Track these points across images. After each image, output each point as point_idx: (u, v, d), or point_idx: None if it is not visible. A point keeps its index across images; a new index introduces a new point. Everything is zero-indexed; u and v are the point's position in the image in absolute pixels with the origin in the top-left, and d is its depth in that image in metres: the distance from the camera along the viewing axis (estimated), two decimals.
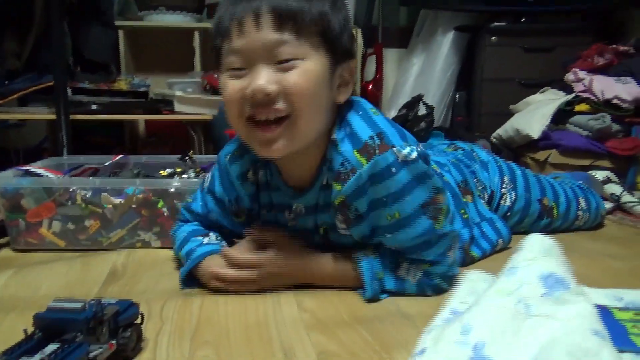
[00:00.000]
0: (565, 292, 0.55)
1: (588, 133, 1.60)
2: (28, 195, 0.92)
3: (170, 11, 2.13)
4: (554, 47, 2.11)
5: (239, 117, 0.64)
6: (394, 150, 0.64)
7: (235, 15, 0.61)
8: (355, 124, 0.67)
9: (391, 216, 0.66)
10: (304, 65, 0.62)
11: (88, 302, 0.51)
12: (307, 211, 0.74)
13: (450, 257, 0.71)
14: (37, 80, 1.60)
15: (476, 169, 0.98)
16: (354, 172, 0.65)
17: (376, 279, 0.69)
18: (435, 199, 0.68)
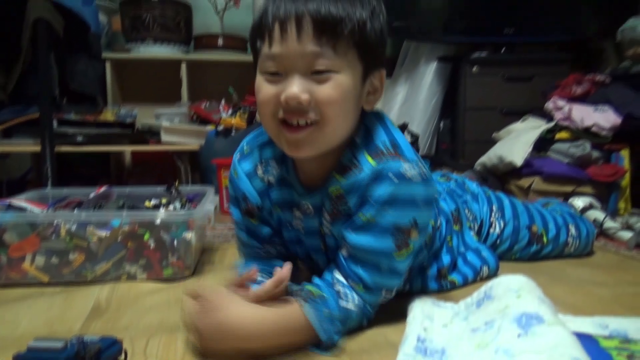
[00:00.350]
0: (540, 326, 0.55)
1: (569, 160, 1.63)
2: (11, 230, 0.91)
3: (158, 43, 2.16)
4: (533, 77, 2.17)
5: (271, 118, 0.66)
6: (403, 162, 0.65)
7: (277, 17, 0.62)
8: (373, 131, 0.70)
9: (365, 217, 0.67)
10: (338, 78, 0.63)
11: (69, 340, 0.50)
12: (315, 211, 0.75)
13: (382, 296, 0.70)
14: (22, 112, 1.60)
15: (467, 199, 1.01)
16: (359, 169, 0.67)
17: (326, 319, 0.63)
18: (410, 232, 0.67)
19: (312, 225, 0.76)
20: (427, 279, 0.85)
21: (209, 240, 1.27)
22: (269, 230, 0.80)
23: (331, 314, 0.64)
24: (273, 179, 0.77)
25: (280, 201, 0.78)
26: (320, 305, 0.64)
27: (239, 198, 0.79)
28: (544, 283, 0.70)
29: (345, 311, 0.66)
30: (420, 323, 0.67)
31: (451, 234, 0.91)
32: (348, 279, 0.68)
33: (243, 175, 0.78)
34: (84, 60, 1.82)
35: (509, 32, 2.21)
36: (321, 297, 0.65)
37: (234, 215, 0.80)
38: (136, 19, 2.13)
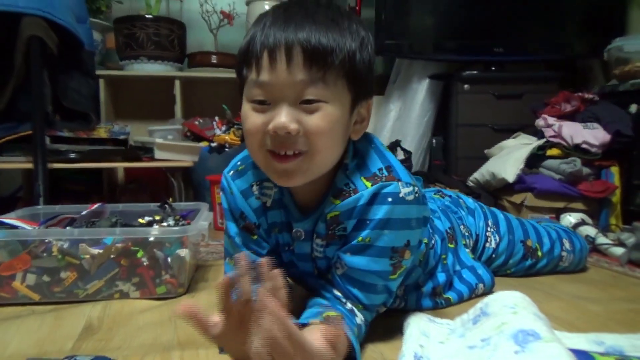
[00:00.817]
0: (537, 342, 0.56)
1: (560, 176, 1.65)
2: (1, 248, 0.90)
3: (152, 61, 2.17)
4: (523, 94, 2.20)
5: (258, 148, 0.65)
6: (399, 184, 0.66)
7: (266, 45, 0.61)
8: (366, 156, 0.70)
9: (362, 239, 0.67)
10: (327, 108, 0.62)
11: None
12: (305, 236, 0.74)
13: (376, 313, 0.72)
14: (15, 129, 1.59)
15: (462, 215, 1.02)
16: (355, 192, 0.67)
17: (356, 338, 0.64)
18: (403, 252, 0.68)
19: (304, 250, 0.76)
20: (422, 297, 0.85)
21: (203, 257, 1.26)
22: (267, 246, 0.78)
23: (357, 332, 0.66)
24: (269, 201, 0.76)
25: (279, 223, 0.77)
26: (351, 325, 0.65)
27: (236, 215, 0.77)
28: (538, 299, 0.71)
29: (360, 328, 0.67)
30: (416, 340, 0.67)
31: (446, 252, 0.91)
32: (348, 299, 0.69)
33: (238, 193, 0.76)
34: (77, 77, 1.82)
35: (499, 50, 2.25)
36: (347, 317, 0.66)
37: (230, 230, 0.78)
38: (130, 37, 2.15)
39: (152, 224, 1.10)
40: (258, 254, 0.77)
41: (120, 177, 2.33)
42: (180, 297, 0.95)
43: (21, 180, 2.07)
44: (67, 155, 1.66)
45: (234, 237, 0.77)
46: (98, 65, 2.17)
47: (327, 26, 0.61)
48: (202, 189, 1.94)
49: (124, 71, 2.21)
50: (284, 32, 0.60)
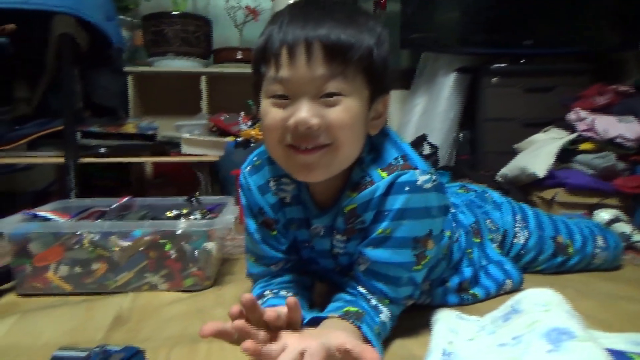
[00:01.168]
0: (571, 341, 0.54)
1: (593, 171, 1.60)
2: (36, 240, 0.92)
3: (179, 57, 2.19)
4: (554, 87, 2.15)
5: (278, 143, 0.64)
6: (416, 172, 0.65)
7: (285, 42, 0.61)
8: (381, 148, 0.70)
9: (383, 230, 0.66)
10: (347, 102, 0.62)
11: (92, 350, 0.51)
12: (325, 232, 0.74)
13: (405, 304, 0.71)
14: (47, 125, 1.64)
15: (488, 209, 0.99)
16: (372, 184, 0.67)
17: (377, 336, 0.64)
18: (426, 242, 0.67)
19: (323, 246, 0.75)
20: (447, 292, 0.84)
21: (229, 251, 1.27)
22: (286, 242, 0.78)
23: (379, 330, 0.65)
24: (287, 196, 0.75)
25: (297, 219, 0.76)
26: (371, 323, 0.64)
27: (255, 211, 0.77)
28: (571, 297, 0.68)
29: (384, 325, 0.66)
30: (445, 336, 0.66)
31: (471, 246, 0.89)
32: (373, 294, 0.68)
33: (255, 189, 0.76)
34: (107, 74, 1.86)
35: (528, 43, 2.19)
36: (369, 315, 0.65)
37: (249, 226, 0.78)
38: (157, 34, 2.17)
39: (180, 218, 1.11)
40: (277, 250, 0.77)
41: (148, 172, 2.37)
42: (207, 289, 0.96)
43: (54, 174, 2.13)
44: (97, 150, 1.69)
45: (253, 233, 0.77)
46: (126, 62, 2.21)
47: (345, 23, 0.61)
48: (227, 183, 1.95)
49: (152, 67, 2.24)
50: (303, 29, 0.60)
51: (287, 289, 0.75)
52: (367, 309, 0.66)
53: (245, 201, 0.78)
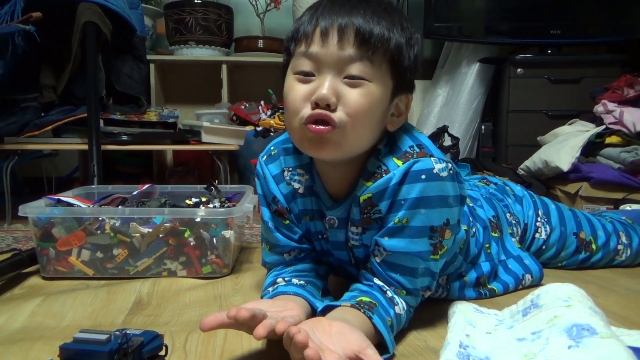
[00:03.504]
0: (593, 338, 0.53)
1: (620, 166, 1.56)
2: (59, 224, 0.94)
3: (200, 46, 2.20)
4: (581, 79, 2.09)
5: (296, 118, 0.65)
6: (432, 160, 0.65)
7: (319, 24, 0.63)
8: (397, 138, 0.70)
9: (399, 220, 0.65)
10: (370, 87, 0.63)
11: (113, 333, 0.52)
12: (339, 224, 0.73)
13: (421, 297, 0.70)
14: (71, 112, 1.66)
15: (509, 202, 0.98)
16: (387, 173, 0.66)
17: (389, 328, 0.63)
18: (443, 231, 0.67)
19: (338, 238, 0.75)
20: (465, 287, 0.83)
21: (247, 239, 1.28)
22: (299, 231, 0.78)
23: (392, 322, 0.64)
24: (300, 187, 0.76)
25: (310, 210, 0.76)
26: (384, 314, 0.64)
27: (269, 199, 0.77)
28: (593, 293, 0.67)
29: (398, 317, 0.66)
30: (462, 329, 0.65)
31: (489, 241, 0.87)
32: (390, 286, 0.68)
33: (270, 178, 0.76)
34: (130, 62, 1.88)
35: (556, 33, 2.13)
36: (382, 306, 0.65)
37: (263, 215, 0.78)
38: (179, 22, 2.19)
39: (199, 205, 1.12)
40: (290, 239, 0.77)
41: (169, 160, 2.40)
42: (225, 277, 0.97)
43: (77, 161, 2.17)
44: (120, 138, 1.71)
45: (267, 221, 0.78)
46: (148, 50, 2.23)
47: (379, 14, 0.63)
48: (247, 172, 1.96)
49: (173, 56, 2.26)
50: (338, 15, 0.63)
51: (299, 277, 0.75)
52: (382, 300, 0.66)
53: (260, 189, 0.79)
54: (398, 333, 0.67)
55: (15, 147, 1.60)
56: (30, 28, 1.53)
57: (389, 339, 0.62)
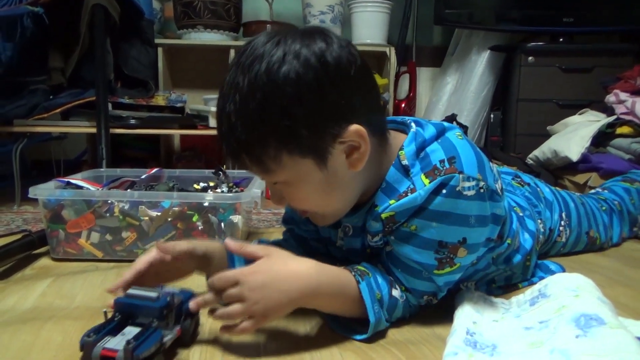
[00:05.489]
0: (601, 328, 0.53)
1: (630, 157, 1.54)
2: (69, 207, 0.95)
3: (208, 30, 2.18)
4: (593, 68, 2.06)
5: None
6: (460, 177, 0.61)
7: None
8: (430, 149, 0.64)
9: (410, 227, 0.63)
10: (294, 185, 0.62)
11: (161, 291, 0.58)
12: (354, 232, 0.72)
13: (423, 300, 0.68)
14: (80, 95, 1.66)
15: (541, 209, 0.94)
16: (413, 192, 0.62)
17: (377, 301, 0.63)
18: (456, 249, 0.63)
19: (354, 245, 0.73)
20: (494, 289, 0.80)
21: (255, 225, 1.28)
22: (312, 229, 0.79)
23: (382, 299, 0.64)
24: None
25: None
26: (374, 286, 0.64)
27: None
28: (601, 284, 0.67)
29: (394, 300, 0.65)
30: (469, 316, 0.65)
31: (532, 253, 0.83)
32: (392, 277, 0.67)
33: None
34: (138, 46, 1.87)
35: (569, 21, 2.10)
36: (375, 279, 0.64)
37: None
38: (187, 6, 2.17)
39: (207, 190, 1.13)
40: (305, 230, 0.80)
41: (177, 144, 2.40)
42: None
43: (86, 144, 2.18)
44: (128, 121, 1.72)
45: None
46: (156, 34, 2.22)
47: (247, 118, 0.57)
48: None
49: (181, 40, 2.25)
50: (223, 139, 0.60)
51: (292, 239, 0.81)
52: (379, 276, 0.65)
53: None
54: (401, 320, 0.68)
55: (24, 130, 1.61)
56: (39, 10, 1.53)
57: (371, 309, 0.61)
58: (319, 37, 0.58)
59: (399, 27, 2.37)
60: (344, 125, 0.59)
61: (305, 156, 0.59)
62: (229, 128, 0.58)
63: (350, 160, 0.61)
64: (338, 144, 0.60)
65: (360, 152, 0.61)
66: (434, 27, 2.51)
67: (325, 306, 0.63)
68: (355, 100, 0.60)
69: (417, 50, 2.46)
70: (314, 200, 0.63)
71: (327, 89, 0.57)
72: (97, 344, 0.50)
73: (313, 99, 0.56)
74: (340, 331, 0.64)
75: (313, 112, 0.57)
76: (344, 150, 0.61)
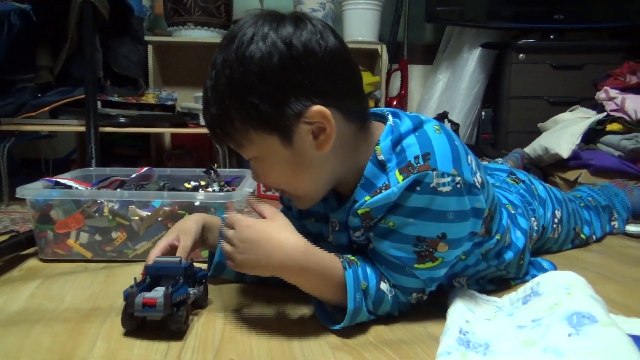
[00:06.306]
0: (593, 326, 0.53)
1: (620, 153, 1.55)
2: (57, 207, 0.94)
3: (199, 27, 2.17)
4: (583, 65, 2.07)
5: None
6: (434, 174, 0.61)
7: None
8: (407, 143, 0.64)
9: (386, 223, 0.64)
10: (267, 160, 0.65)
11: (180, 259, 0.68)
12: (340, 227, 0.72)
13: (412, 297, 0.68)
14: (69, 94, 1.64)
15: (535, 206, 0.95)
16: (387, 188, 0.63)
17: (360, 290, 0.63)
18: (435, 244, 0.63)
19: (341, 241, 0.73)
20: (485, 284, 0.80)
21: None
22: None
23: (368, 290, 0.64)
24: None
25: (316, 213, 0.76)
26: (361, 276, 0.64)
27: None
28: (592, 280, 0.67)
29: (382, 294, 0.65)
30: (462, 315, 0.65)
31: (525, 252, 0.83)
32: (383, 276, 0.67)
33: None
34: (127, 43, 1.85)
35: (559, 18, 2.11)
36: (364, 270, 0.65)
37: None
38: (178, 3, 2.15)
39: (198, 189, 1.12)
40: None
41: (167, 143, 2.38)
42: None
43: (75, 142, 2.15)
44: (117, 120, 1.70)
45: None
46: (146, 31, 2.20)
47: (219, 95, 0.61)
48: None
49: (172, 37, 2.23)
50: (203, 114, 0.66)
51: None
52: (368, 267, 0.65)
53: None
54: (396, 319, 0.68)
55: (12, 128, 1.59)
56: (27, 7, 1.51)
57: (352, 294, 0.62)
58: (290, 22, 0.60)
59: (391, 25, 2.36)
60: (307, 105, 0.60)
61: (271, 133, 0.61)
62: (206, 103, 0.63)
63: (318, 142, 0.62)
64: (303, 124, 0.61)
65: (326, 133, 0.62)
66: (425, 25, 2.51)
67: (308, 286, 0.65)
68: (321, 83, 0.61)
69: (408, 48, 2.46)
70: (283, 177, 0.66)
71: (290, 67, 0.59)
72: (138, 295, 0.61)
73: (275, 76, 0.59)
74: (323, 322, 0.65)
75: (275, 89, 0.59)
76: (311, 131, 0.62)
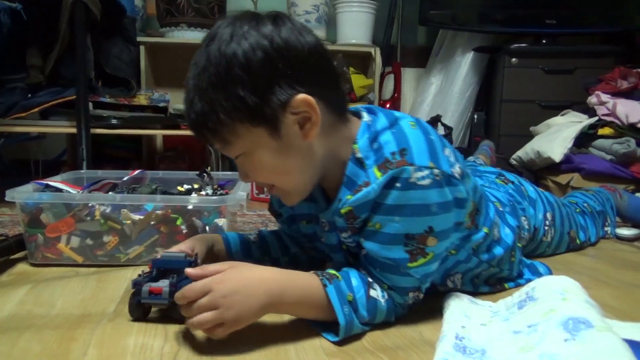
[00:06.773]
0: (589, 331, 0.53)
1: (612, 157, 1.57)
2: (48, 210, 0.92)
3: (192, 28, 2.16)
4: (575, 69, 2.09)
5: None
6: (411, 169, 0.61)
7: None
8: (383, 139, 0.65)
9: (373, 224, 0.64)
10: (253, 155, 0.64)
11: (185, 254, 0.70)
12: (330, 228, 0.73)
13: (409, 297, 0.68)
14: (59, 94, 1.62)
15: (525, 206, 0.95)
16: (367, 185, 0.64)
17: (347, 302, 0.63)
18: (424, 239, 0.64)
19: (332, 241, 0.74)
20: (480, 285, 0.80)
21: (240, 227, 1.27)
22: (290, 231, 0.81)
23: (355, 300, 0.64)
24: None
25: (307, 215, 0.76)
26: (345, 288, 0.64)
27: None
28: (587, 285, 0.67)
29: (373, 301, 0.65)
30: (458, 320, 0.65)
31: (514, 249, 0.83)
32: (373, 278, 0.67)
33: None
34: (119, 44, 1.84)
35: (551, 22, 2.12)
36: (347, 282, 0.64)
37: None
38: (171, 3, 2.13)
39: (191, 192, 1.11)
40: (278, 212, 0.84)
41: (159, 145, 2.36)
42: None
43: (65, 144, 2.13)
44: (109, 121, 1.68)
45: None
46: (138, 32, 2.18)
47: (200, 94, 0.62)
48: None
49: (164, 38, 2.21)
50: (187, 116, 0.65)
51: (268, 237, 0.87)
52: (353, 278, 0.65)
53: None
54: (391, 324, 0.67)
55: (1, 130, 1.57)
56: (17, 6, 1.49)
57: (339, 309, 0.61)
58: (269, 20, 0.61)
59: (384, 28, 2.37)
60: (292, 93, 0.61)
61: (258, 125, 0.61)
62: (189, 103, 0.63)
63: (304, 131, 0.63)
64: (289, 114, 0.61)
65: (312, 122, 0.63)
66: (418, 28, 2.52)
67: (296, 311, 0.65)
68: (304, 74, 0.62)
69: (402, 51, 2.46)
70: (271, 171, 0.65)
71: (274, 59, 0.60)
72: (145, 284, 0.65)
73: (260, 67, 0.59)
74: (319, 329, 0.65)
75: (260, 79, 0.60)
76: (297, 121, 0.62)
